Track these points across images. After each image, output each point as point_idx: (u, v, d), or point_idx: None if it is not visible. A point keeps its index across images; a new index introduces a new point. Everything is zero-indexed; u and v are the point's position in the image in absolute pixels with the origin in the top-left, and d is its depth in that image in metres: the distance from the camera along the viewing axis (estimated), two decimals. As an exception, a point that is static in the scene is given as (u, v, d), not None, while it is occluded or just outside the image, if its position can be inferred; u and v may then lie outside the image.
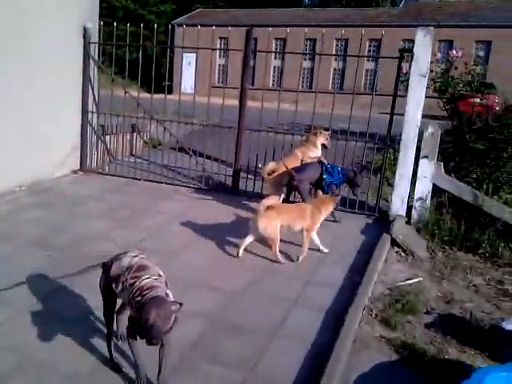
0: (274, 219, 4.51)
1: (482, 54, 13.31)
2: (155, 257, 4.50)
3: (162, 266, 4.31)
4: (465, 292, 4.31)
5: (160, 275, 2.80)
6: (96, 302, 3.58)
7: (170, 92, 23.04)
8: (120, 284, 2.77)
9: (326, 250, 4.82)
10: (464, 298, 4.19)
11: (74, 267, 4.17)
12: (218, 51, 27.39)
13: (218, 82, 30.16)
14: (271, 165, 5.87)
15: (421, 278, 4.43)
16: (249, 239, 4.69)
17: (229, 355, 3.18)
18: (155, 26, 7.04)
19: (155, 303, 2.45)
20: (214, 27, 6.69)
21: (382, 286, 4.24)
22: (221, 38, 29.21)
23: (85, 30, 6.85)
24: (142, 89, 8.35)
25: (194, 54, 7.04)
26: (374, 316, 3.73)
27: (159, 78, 7.47)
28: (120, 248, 4.63)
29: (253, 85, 7.13)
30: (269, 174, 5.83)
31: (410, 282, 4.36)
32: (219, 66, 31.14)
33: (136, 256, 2.91)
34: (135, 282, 2.67)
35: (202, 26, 6.45)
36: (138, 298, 2.57)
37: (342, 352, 3.16)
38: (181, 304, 2.49)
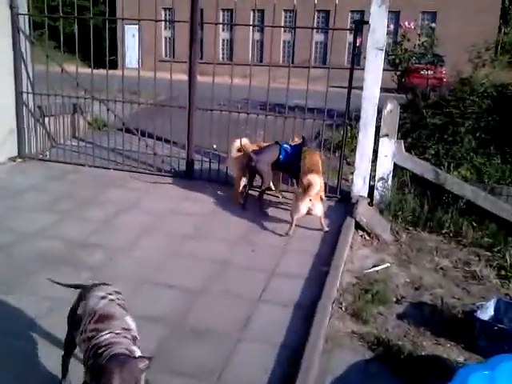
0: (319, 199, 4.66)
1: (433, 25, 13.23)
2: (104, 253, 4.15)
3: (110, 264, 4.02)
4: (433, 276, 4.19)
5: (126, 328, 2.22)
6: (39, 311, 3.22)
7: (115, 67, 21.98)
8: (80, 333, 2.26)
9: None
10: (433, 282, 4.06)
11: (13, 271, 3.77)
12: (163, 23, 26.25)
13: (165, 56, 29.13)
14: (241, 141, 5.41)
15: (388, 264, 4.27)
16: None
17: (192, 364, 2.90)
18: None
19: (116, 364, 1.92)
20: None
21: (349, 275, 4.04)
22: (165, 9, 28.08)
23: (11, -1, 6.15)
24: (84, 63, 7.69)
25: (137, 26, 6.46)
26: (344, 309, 3.52)
27: (102, 51, 6.83)
28: (65, 245, 4.26)
29: (202, 58, 6.66)
30: (238, 150, 5.41)
31: (378, 268, 4.19)
32: (165, 38, 29.97)
33: (104, 297, 2.33)
34: (93, 336, 2.15)
35: None
36: (92, 361, 2.05)
37: (314, 354, 2.93)
38: (150, 358, 1.99)
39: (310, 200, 4.54)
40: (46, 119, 7.08)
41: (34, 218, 4.80)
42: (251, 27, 9.17)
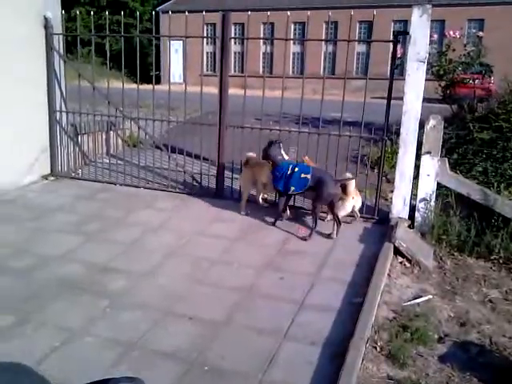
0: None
1: (481, 33, 12.62)
2: (125, 279, 3.97)
3: (130, 291, 3.82)
4: (481, 310, 3.76)
5: None
6: (52, 343, 3.05)
7: (159, 82, 22.28)
8: None
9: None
10: (481, 318, 3.64)
11: (30, 298, 3.65)
12: (205, 38, 26.56)
13: (207, 70, 29.44)
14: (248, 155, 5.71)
15: (430, 296, 3.87)
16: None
17: (207, 410, 2.64)
18: (138, 13, 6.54)
19: None
20: (203, 12, 6.03)
21: (386, 309, 3.68)
22: (207, 24, 28.39)
23: (46, 19, 6.16)
24: (130, 79, 7.64)
25: (181, 42, 6.38)
26: (378, 350, 3.17)
27: (146, 67, 6.81)
28: (87, 270, 4.10)
29: (242, 72, 6.49)
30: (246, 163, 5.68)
31: (419, 300, 3.80)
32: (207, 53, 30.32)
33: None
34: None
35: (188, 12, 5.80)
36: None
37: (343, 405, 2.61)
38: None
39: (353, 198, 5.12)
40: (82, 137, 7.10)
41: (59, 240, 4.70)
42: (290, 41, 8.94)
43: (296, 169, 4.94)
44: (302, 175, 4.90)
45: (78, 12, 6.46)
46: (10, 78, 5.88)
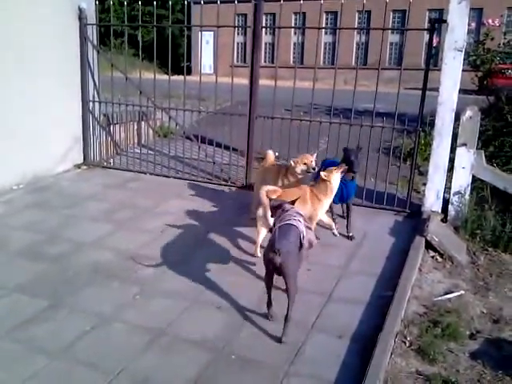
0: None
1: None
2: (156, 267, 4.02)
3: (160, 279, 3.87)
4: (515, 307, 3.66)
5: None
6: (83, 328, 3.12)
7: (189, 73, 22.43)
8: None
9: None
10: (515, 315, 3.55)
11: (63, 283, 3.73)
12: (236, 29, 26.55)
13: (238, 61, 29.42)
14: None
15: (462, 292, 3.78)
16: None
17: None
18: (169, 3, 6.44)
19: None
20: (235, 2, 6.01)
21: (416, 303, 3.61)
22: (238, 15, 28.34)
23: (80, 10, 6.25)
24: (162, 70, 7.68)
25: (212, 33, 6.38)
26: (408, 344, 3.12)
27: (177, 58, 6.86)
28: (118, 257, 4.18)
29: (272, 63, 6.47)
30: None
31: (450, 296, 3.71)
32: (238, 44, 30.29)
33: None
34: None
35: (220, 2, 5.79)
36: None
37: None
38: None
39: None
40: (113, 127, 7.20)
41: (92, 227, 4.80)
42: (322, 30, 8.84)
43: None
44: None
45: (111, 3, 6.53)
46: (45, 68, 6.01)
